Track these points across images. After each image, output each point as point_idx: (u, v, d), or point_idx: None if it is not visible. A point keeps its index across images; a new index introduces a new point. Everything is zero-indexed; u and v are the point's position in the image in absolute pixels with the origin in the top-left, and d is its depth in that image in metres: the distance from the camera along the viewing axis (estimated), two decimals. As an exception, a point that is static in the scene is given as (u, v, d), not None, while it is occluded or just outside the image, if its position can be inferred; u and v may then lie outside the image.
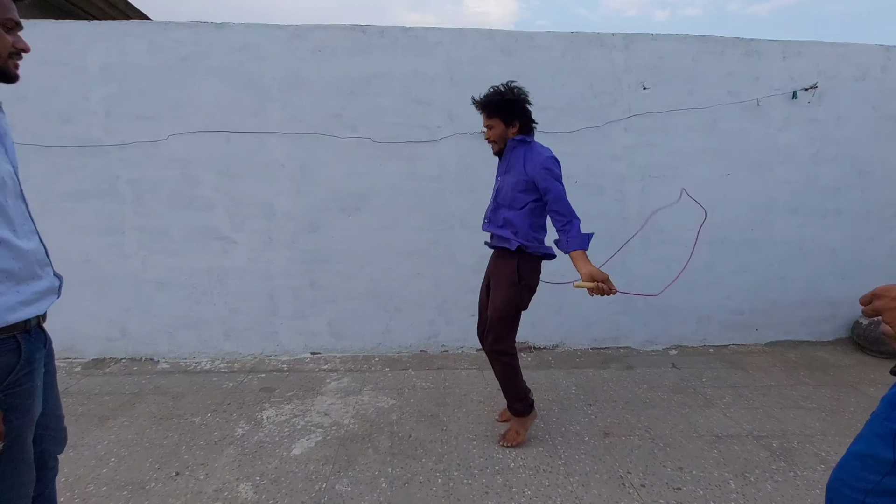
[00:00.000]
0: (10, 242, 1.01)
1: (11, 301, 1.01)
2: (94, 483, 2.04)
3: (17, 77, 1.11)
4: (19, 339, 1.04)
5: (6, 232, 1.01)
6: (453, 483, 2.04)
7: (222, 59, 3.19)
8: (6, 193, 1.03)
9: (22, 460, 1.09)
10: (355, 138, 3.31)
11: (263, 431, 2.45)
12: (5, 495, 1.05)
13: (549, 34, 3.33)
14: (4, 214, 1.02)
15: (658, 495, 1.95)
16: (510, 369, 2.21)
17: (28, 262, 1.06)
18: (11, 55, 1.07)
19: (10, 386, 1.03)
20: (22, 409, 1.06)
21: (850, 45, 3.45)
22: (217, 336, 3.45)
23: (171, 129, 3.22)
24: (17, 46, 1.07)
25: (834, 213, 3.60)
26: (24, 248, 1.05)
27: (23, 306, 1.04)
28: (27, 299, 1.05)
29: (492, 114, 2.04)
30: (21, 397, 1.05)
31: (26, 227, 1.09)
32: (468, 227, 3.45)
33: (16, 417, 1.05)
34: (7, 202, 1.02)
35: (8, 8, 1.05)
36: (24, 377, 1.06)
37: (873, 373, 3.19)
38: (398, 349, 3.54)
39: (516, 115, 2.07)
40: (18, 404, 1.05)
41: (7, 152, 1.09)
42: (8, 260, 1.01)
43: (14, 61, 1.09)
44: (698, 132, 3.47)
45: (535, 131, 2.21)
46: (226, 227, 3.35)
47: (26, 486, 1.12)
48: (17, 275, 1.03)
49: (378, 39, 3.24)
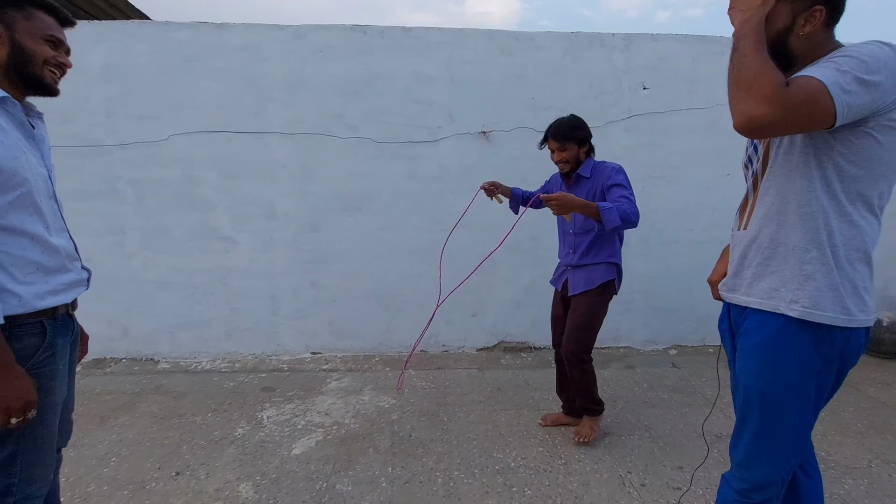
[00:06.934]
0: (41, 238, 1.13)
1: (40, 290, 1.12)
2: (96, 482, 2.04)
3: (56, 90, 1.22)
4: (46, 324, 1.15)
5: (39, 228, 1.13)
6: (454, 482, 2.04)
7: (223, 59, 3.20)
8: (40, 194, 1.14)
9: (45, 442, 1.17)
10: (356, 138, 3.32)
11: (264, 431, 2.46)
12: (24, 474, 1.12)
13: (550, 34, 3.33)
14: (39, 213, 1.13)
15: (658, 495, 1.95)
16: (591, 374, 2.31)
17: (58, 256, 1.17)
18: (47, 64, 1.17)
19: (33, 367, 1.12)
20: (44, 390, 1.14)
21: (851, 46, 3.45)
22: (218, 336, 3.46)
23: (173, 129, 3.23)
24: (58, 59, 1.19)
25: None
26: (54, 244, 1.16)
27: (50, 295, 1.14)
28: (55, 289, 1.16)
29: (566, 139, 2.25)
30: (44, 378, 1.15)
31: (58, 224, 1.20)
32: (468, 226, 3.45)
33: (41, 395, 1.13)
34: (41, 202, 1.14)
35: (50, 26, 1.18)
36: (46, 359, 1.15)
37: (873, 373, 3.19)
38: (399, 349, 3.55)
39: (586, 136, 2.30)
40: (41, 385, 1.13)
41: (43, 157, 1.21)
42: (39, 253, 1.13)
43: (51, 72, 1.19)
44: (698, 132, 3.47)
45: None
46: (227, 227, 3.35)
47: (47, 468, 1.18)
48: (47, 267, 1.15)
49: (379, 40, 3.25)
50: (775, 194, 1.18)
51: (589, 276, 2.29)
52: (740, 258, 1.27)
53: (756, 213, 1.23)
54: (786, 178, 1.16)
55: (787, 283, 1.16)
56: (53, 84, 1.21)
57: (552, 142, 2.29)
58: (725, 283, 1.32)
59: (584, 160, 2.32)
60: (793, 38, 1.11)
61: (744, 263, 1.26)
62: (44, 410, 1.14)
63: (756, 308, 1.21)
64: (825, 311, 1.12)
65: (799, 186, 1.13)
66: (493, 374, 3.17)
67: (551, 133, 2.29)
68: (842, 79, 0.98)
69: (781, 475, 1.24)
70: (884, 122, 1.04)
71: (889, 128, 1.04)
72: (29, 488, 1.14)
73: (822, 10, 1.08)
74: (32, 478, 1.14)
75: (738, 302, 1.26)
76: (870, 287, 1.15)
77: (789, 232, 1.16)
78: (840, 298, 1.12)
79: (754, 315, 1.22)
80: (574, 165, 2.31)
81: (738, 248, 1.28)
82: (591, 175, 2.28)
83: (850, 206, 1.11)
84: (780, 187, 1.17)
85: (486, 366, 3.33)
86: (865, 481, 2.05)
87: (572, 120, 2.30)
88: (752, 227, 1.24)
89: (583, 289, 2.28)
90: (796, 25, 1.10)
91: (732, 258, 1.31)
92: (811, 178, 1.11)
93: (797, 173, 1.13)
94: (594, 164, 2.32)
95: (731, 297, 1.30)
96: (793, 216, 1.15)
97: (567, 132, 2.25)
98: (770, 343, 1.18)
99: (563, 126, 2.27)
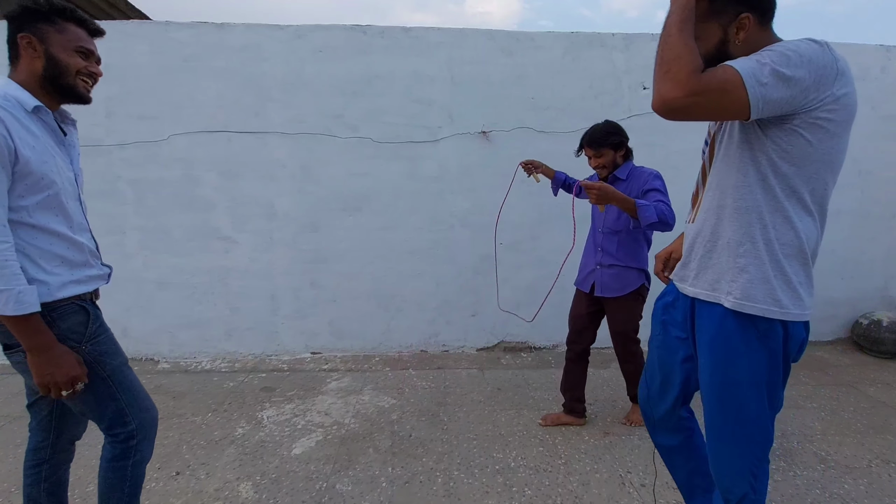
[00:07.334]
0: (66, 236, 1.26)
1: (64, 280, 1.25)
2: (95, 482, 2.03)
3: (88, 98, 1.32)
4: (80, 304, 1.29)
5: (64, 227, 1.25)
6: (454, 482, 2.04)
7: (223, 59, 3.20)
8: (66, 196, 1.26)
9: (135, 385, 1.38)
10: (356, 138, 3.32)
11: (264, 431, 2.46)
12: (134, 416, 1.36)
13: (550, 34, 3.33)
14: (64, 213, 1.26)
15: (658, 495, 1.95)
16: (641, 364, 2.39)
17: (82, 253, 1.30)
18: (80, 74, 1.27)
19: (91, 337, 1.29)
20: (111, 353, 1.33)
21: (850, 45, 3.45)
22: (218, 336, 3.46)
23: (173, 129, 3.23)
24: (89, 69, 1.29)
25: (834, 214, 3.56)
26: (78, 241, 1.29)
27: (73, 285, 1.27)
28: (78, 280, 1.29)
29: (601, 146, 2.29)
30: (105, 343, 1.33)
31: (81, 224, 1.33)
32: (468, 226, 3.46)
33: (110, 359, 1.33)
34: (67, 203, 1.26)
35: (81, 38, 1.27)
36: (99, 329, 1.32)
37: (873, 373, 3.19)
38: (399, 349, 3.55)
39: (622, 140, 2.34)
40: (105, 349, 1.32)
41: (72, 161, 1.33)
42: (64, 249, 1.25)
43: (83, 81, 1.29)
44: (698, 133, 3.42)
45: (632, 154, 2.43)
46: (227, 226, 3.35)
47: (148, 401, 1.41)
48: (72, 261, 1.27)
49: (379, 40, 3.25)
50: (716, 188, 1.22)
51: (620, 281, 2.33)
52: (688, 250, 1.32)
53: (702, 207, 1.27)
54: (725, 173, 1.19)
55: (725, 275, 1.20)
56: (86, 93, 1.31)
57: (588, 149, 2.35)
58: (677, 273, 1.39)
59: (621, 164, 2.35)
60: (731, 47, 1.14)
61: (691, 255, 1.31)
62: (118, 369, 1.34)
63: (703, 300, 1.26)
64: (756, 302, 1.15)
65: (736, 181, 1.16)
66: (493, 374, 3.17)
67: (586, 141, 2.34)
68: (759, 70, 1.00)
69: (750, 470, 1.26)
70: (810, 119, 1.04)
71: (817, 126, 1.05)
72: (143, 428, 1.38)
73: (748, 16, 1.11)
74: (143, 419, 1.38)
75: (687, 292, 1.32)
76: (805, 282, 1.16)
77: (727, 226, 1.19)
78: (772, 291, 1.14)
79: (702, 307, 1.27)
80: (611, 169, 2.35)
81: (687, 240, 1.34)
82: (628, 178, 2.32)
83: (786, 202, 1.12)
84: (721, 182, 1.21)
85: (486, 366, 3.33)
86: (865, 481, 2.05)
87: (606, 126, 2.32)
88: (698, 220, 1.29)
89: (615, 294, 2.33)
90: (730, 36, 1.13)
91: (683, 249, 1.36)
92: (747, 174, 1.14)
93: (734, 168, 1.16)
94: (632, 167, 2.36)
95: (681, 287, 1.35)
96: (730, 210, 1.18)
97: (602, 139, 2.30)
98: (720, 339, 1.22)
99: (598, 133, 2.31)
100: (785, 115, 1.05)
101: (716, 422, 1.27)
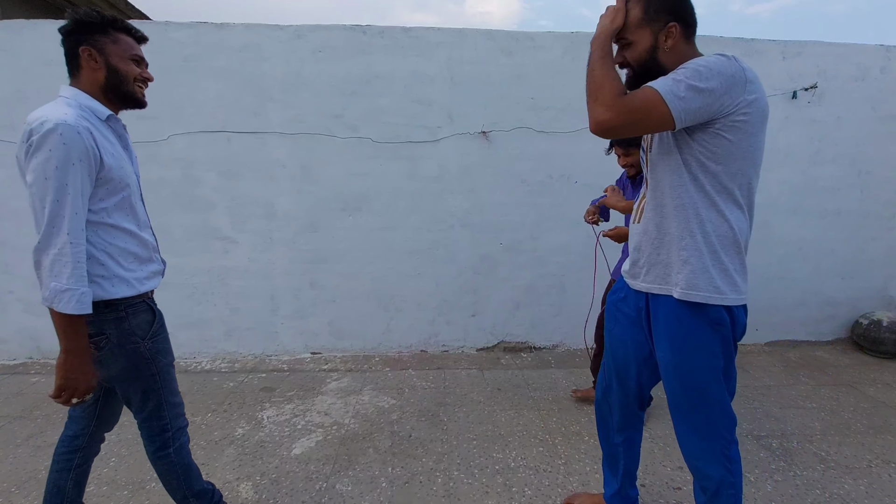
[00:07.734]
0: (136, 233, 1.36)
1: (139, 276, 1.36)
2: (95, 483, 2.04)
3: (145, 102, 1.41)
4: (148, 302, 1.41)
5: (133, 225, 1.35)
6: (453, 482, 2.04)
7: (223, 59, 3.20)
8: (135, 196, 1.37)
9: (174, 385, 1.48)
10: (356, 138, 3.32)
11: (264, 431, 2.46)
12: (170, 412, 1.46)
13: (550, 34, 3.33)
14: (133, 213, 1.36)
15: (658, 495, 1.95)
16: None
17: (147, 249, 1.40)
18: (136, 81, 1.36)
19: (153, 335, 1.39)
20: (164, 351, 1.43)
21: (850, 45, 3.45)
22: (218, 336, 3.45)
23: (172, 129, 3.23)
24: (143, 75, 1.38)
25: (834, 214, 3.60)
26: (144, 238, 1.39)
27: (147, 280, 1.39)
28: (148, 275, 1.40)
29: (629, 145, 2.32)
30: (163, 342, 1.43)
31: (145, 222, 1.43)
32: (468, 226, 3.45)
33: (163, 357, 1.42)
34: (135, 203, 1.37)
35: (132, 46, 1.36)
36: (160, 328, 1.43)
37: (873, 373, 3.19)
38: (398, 349, 3.55)
39: None
40: (162, 348, 1.42)
41: (133, 163, 1.41)
42: (135, 245, 1.35)
43: (139, 87, 1.38)
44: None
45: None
46: (227, 227, 3.35)
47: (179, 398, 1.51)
48: (141, 257, 1.38)
49: (379, 40, 3.25)
50: (655, 189, 1.35)
51: None
52: (636, 249, 1.43)
53: (646, 208, 1.39)
54: (662, 176, 1.32)
55: (671, 268, 1.32)
56: (143, 98, 1.40)
57: (617, 148, 2.39)
58: (627, 271, 1.50)
59: None
60: (661, 53, 1.27)
61: (640, 252, 1.42)
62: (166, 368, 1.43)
63: (655, 293, 1.37)
64: (699, 290, 1.27)
65: (672, 182, 1.29)
66: (492, 374, 3.17)
67: (616, 140, 2.37)
68: (675, 87, 1.14)
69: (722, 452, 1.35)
70: (729, 123, 1.18)
71: (736, 128, 1.19)
72: (177, 421, 1.48)
73: (675, 25, 1.25)
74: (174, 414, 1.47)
75: (640, 288, 1.42)
76: (740, 270, 1.31)
77: (670, 222, 1.31)
78: (711, 279, 1.27)
79: (656, 300, 1.38)
80: (640, 168, 2.37)
81: (633, 240, 1.45)
82: None
83: (718, 198, 1.26)
84: (660, 184, 1.34)
85: (486, 366, 3.33)
86: (865, 481, 2.06)
87: None
88: (643, 220, 1.40)
89: None
90: (659, 42, 1.26)
91: (630, 247, 1.47)
92: (681, 175, 1.27)
93: (669, 171, 1.30)
94: None
95: (633, 284, 1.45)
96: (670, 208, 1.31)
97: (631, 138, 2.31)
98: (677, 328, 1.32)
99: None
100: (706, 121, 1.18)
101: (682, 409, 1.37)
